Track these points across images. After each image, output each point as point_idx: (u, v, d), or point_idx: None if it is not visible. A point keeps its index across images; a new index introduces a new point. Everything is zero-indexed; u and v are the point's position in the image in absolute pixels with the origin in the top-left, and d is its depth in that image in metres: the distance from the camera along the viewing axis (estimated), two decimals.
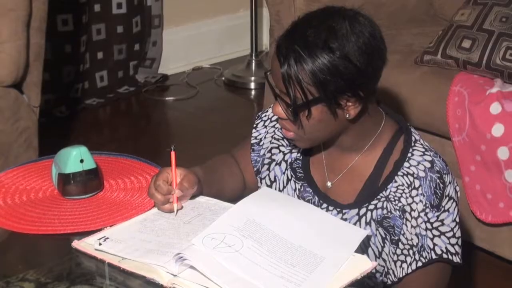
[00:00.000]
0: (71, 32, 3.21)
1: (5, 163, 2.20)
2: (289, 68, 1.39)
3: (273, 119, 1.64)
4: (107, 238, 1.40)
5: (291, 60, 1.39)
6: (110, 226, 1.46)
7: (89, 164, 1.57)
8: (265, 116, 1.65)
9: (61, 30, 3.18)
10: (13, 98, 2.26)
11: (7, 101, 2.25)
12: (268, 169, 1.61)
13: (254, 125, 1.66)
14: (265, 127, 1.64)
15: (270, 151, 1.61)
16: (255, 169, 1.63)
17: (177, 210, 1.47)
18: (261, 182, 1.62)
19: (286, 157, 1.60)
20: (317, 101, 1.40)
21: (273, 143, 1.62)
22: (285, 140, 1.60)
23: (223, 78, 3.63)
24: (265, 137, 1.63)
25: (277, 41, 1.43)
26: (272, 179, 1.60)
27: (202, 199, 1.52)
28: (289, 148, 1.60)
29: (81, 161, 1.57)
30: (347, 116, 1.43)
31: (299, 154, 1.58)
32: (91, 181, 1.57)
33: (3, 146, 2.24)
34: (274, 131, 1.62)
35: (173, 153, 1.46)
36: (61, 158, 1.58)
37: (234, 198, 1.52)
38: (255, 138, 1.64)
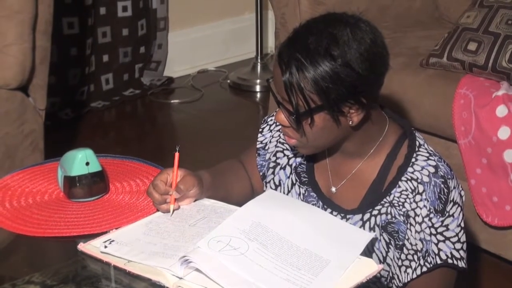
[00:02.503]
0: (77, 35, 3.22)
1: (11, 166, 2.20)
2: (291, 76, 1.39)
3: (278, 123, 1.64)
4: (113, 240, 1.40)
5: (292, 68, 1.38)
6: (116, 228, 1.46)
7: (95, 166, 1.57)
8: (271, 120, 1.65)
9: (66, 33, 3.19)
10: (19, 101, 2.27)
11: (13, 104, 2.25)
12: (273, 173, 1.61)
13: (260, 130, 1.66)
14: (271, 131, 1.64)
15: (275, 154, 1.61)
16: (261, 173, 1.63)
17: (174, 211, 1.47)
18: (266, 186, 1.62)
19: (291, 161, 1.59)
20: (319, 109, 1.40)
21: (278, 146, 1.61)
22: None
23: (228, 81, 3.63)
24: (270, 141, 1.63)
25: (279, 49, 1.43)
26: (277, 183, 1.60)
27: (207, 201, 1.52)
28: (294, 152, 1.59)
29: (87, 163, 1.57)
30: (350, 123, 1.43)
31: (303, 159, 1.58)
32: (96, 183, 1.58)
33: (9, 148, 2.24)
34: (279, 135, 1.62)
35: (176, 155, 1.47)
36: (66, 160, 1.58)
37: (241, 202, 1.53)
38: (261, 142, 1.64)
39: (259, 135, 1.65)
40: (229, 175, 1.62)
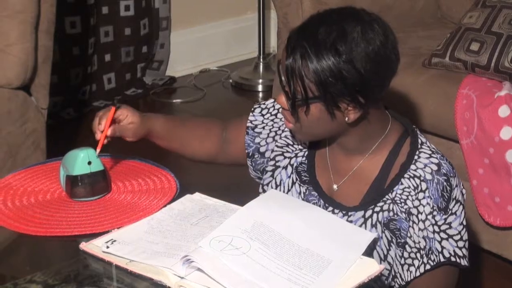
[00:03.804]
0: (79, 35, 3.22)
1: (13, 165, 2.20)
2: (293, 62, 1.40)
3: (270, 110, 1.64)
4: (115, 240, 1.40)
5: (297, 54, 1.39)
6: (118, 228, 1.46)
7: (97, 166, 1.58)
8: (264, 104, 1.66)
9: (69, 32, 3.19)
10: (21, 100, 2.27)
11: (15, 103, 2.25)
12: (272, 175, 1.61)
13: (252, 109, 1.66)
14: (262, 115, 1.64)
15: (274, 158, 1.61)
16: (247, 151, 1.64)
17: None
18: (263, 189, 1.62)
19: (292, 161, 1.59)
20: (316, 99, 1.41)
21: (276, 151, 1.62)
22: (289, 146, 1.60)
23: (231, 81, 3.63)
24: (263, 128, 1.63)
25: (290, 32, 1.43)
26: (278, 183, 1.60)
27: (209, 200, 1.53)
28: (295, 152, 1.60)
29: (89, 163, 1.57)
30: (346, 119, 1.43)
31: (304, 158, 1.58)
32: (98, 183, 1.58)
33: (11, 148, 2.24)
34: (274, 136, 1.62)
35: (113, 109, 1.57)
36: (69, 160, 1.58)
37: (200, 157, 1.63)
38: (251, 122, 1.64)
39: (250, 114, 1.65)
40: (191, 129, 1.67)
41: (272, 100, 1.65)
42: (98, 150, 1.57)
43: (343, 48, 1.37)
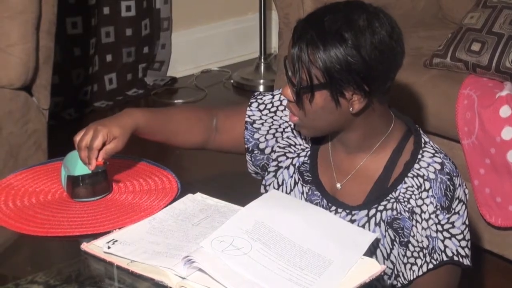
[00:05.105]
0: (80, 35, 3.22)
1: (14, 165, 2.20)
2: (299, 50, 1.41)
3: (268, 106, 1.63)
4: (116, 241, 1.40)
5: (303, 42, 1.40)
6: (119, 228, 1.46)
7: (98, 166, 1.57)
8: (260, 99, 1.65)
9: (70, 33, 3.19)
10: (23, 100, 2.27)
11: (16, 103, 2.25)
12: (275, 176, 1.61)
13: (249, 103, 1.65)
14: (260, 111, 1.63)
15: (276, 159, 1.62)
16: (246, 146, 1.63)
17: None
18: (265, 189, 1.62)
19: (294, 161, 1.60)
20: (321, 86, 1.41)
21: (278, 152, 1.62)
22: (291, 146, 1.60)
23: (232, 81, 3.63)
24: (262, 124, 1.62)
25: (296, 22, 1.45)
26: (280, 183, 1.60)
27: (211, 201, 1.53)
28: (297, 152, 1.60)
29: None
30: (351, 109, 1.43)
31: (306, 158, 1.58)
32: (99, 183, 1.58)
33: (13, 148, 2.24)
34: (275, 133, 1.62)
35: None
36: (70, 160, 1.59)
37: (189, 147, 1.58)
38: (249, 117, 1.64)
39: (248, 108, 1.64)
40: (178, 122, 1.63)
41: (269, 96, 1.65)
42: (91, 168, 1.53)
43: (348, 35, 1.38)
